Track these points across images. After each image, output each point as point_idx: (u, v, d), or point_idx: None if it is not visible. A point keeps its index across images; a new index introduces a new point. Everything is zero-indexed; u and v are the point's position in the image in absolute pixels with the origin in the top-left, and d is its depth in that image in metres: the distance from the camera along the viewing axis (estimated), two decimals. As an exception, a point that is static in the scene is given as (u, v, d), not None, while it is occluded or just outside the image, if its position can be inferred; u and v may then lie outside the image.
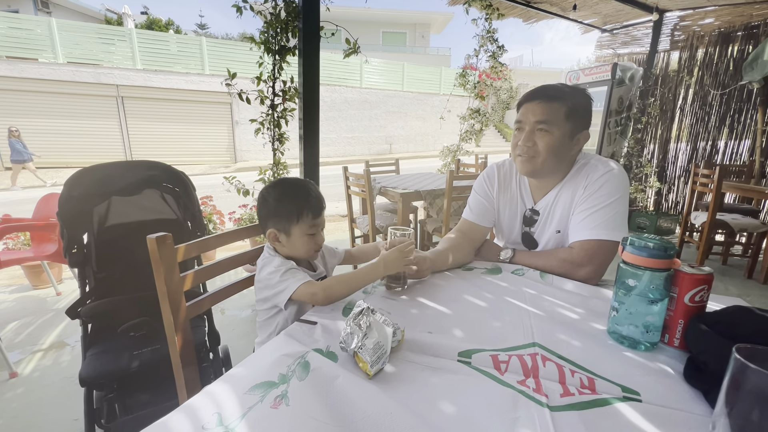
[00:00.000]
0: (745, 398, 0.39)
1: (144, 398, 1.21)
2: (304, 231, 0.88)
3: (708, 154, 4.10)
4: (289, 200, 0.89)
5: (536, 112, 0.97)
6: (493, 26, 3.89)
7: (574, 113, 0.97)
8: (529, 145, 0.99)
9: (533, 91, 1.01)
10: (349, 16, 17.78)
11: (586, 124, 1.00)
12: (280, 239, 0.90)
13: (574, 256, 0.96)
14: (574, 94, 0.98)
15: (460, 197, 2.38)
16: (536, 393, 0.51)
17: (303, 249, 0.91)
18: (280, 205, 0.89)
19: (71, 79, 9.13)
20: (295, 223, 0.88)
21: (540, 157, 0.98)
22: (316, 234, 0.91)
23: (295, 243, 0.90)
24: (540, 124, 0.97)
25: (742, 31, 3.72)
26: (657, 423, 0.47)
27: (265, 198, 0.91)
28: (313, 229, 0.90)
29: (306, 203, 0.88)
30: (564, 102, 0.96)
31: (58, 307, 2.32)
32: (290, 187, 0.92)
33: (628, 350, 0.64)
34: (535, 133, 0.98)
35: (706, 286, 0.61)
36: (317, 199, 0.91)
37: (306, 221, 0.88)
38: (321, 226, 0.93)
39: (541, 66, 28.07)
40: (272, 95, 2.17)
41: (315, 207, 0.90)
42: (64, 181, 1.27)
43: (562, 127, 0.96)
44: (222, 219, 3.31)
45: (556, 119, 0.96)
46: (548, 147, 0.97)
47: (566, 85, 1.01)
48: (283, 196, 0.90)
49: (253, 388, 0.51)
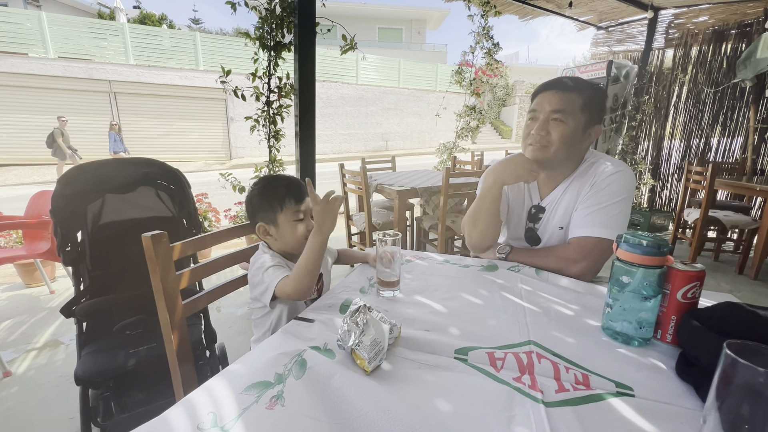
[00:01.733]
0: (735, 392, 0.40)
1: (140, 396, 1.21)
2: (289, 218, 0.91)
3: (701, 151, 4.14)
4: (270, 192, 0.93)
5: (552, 102, 0.96)
6: (489, 23, 3.89)
7: (589, 106, 0.96)
8: (542, 134, 0.98)
9: (550, 81, 1.00)
10: (344, 12, 17.65)
11: (599, 119, 1.00)
12: (270, 232, 0.93)
13: (569, 252, 0.97)
14: (591, 87, 0.98)
15: (457, 195, 2.38)
16: (531, 389, 0.52)
17: (293, 237, 0.92)
18: (263, 199, 0.93)
19: (62, 74, 9.00)
20: (279, 212, 0.91)
21: (553, 146, 0.97)
22: (305, 220, 0.92)
23: (284, 232, 0.92)
24: (556, 113, 0.96)
25: (736, 29, 3.75)
26: (650, 417, 0.47)
27: (250, 196, 0.96)
28: (298, 215, 0.92)
29: (286, 191, 0.92)
30: (581, 93, 0.96)
31: (52, 305, 2.30)
32: (269, 181, 0.96)
33: (622, 346, 0.65)
34: (549, 123, 0.97)
35: (699, 283, 0.62)
36: (297, 186, 0.94)
37: (289, 208, 0.91)
38: (308, 214, 0.93)
39: (537, 63, 28.14)
40: (268, 92, 2.16)
41: (295, 193, 0.92)
42: (57, 179, 1.26)
43: (577, 118, 0.96)
44: (217, 216, 3.29)
45: (572, 109, 0.95)
46: (562, 137, 0.96)
47: (582, 79, 1.01)
48: (263, 189, 0.94)
49: (249, 388, 0.51)
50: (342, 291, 0.87)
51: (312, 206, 0.83)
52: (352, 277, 0.96)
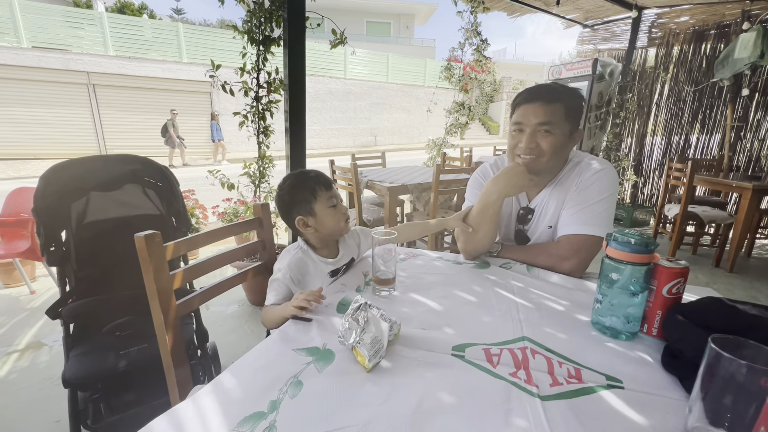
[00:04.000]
0: (718, 384, 0.42)
1: (130, 397, 1.19)
2: (325, 205, 0.95)
3: (681, 148, 4.28)
4: (300, 186, 0.96)
5: (538, 114, 0.98)
6: (477, 20, 3.90)
7: (572, 113, 0.99)
8: (532, 146, 1.00)
9: (530, 93, 1.01)
10: (332, 4, 17.35)
11: (579, 123, 1.03)
12: (309, 223, 0.95)
13: (559, 249, 1.00)
14: (571, 95, 1.00)
15: (447, 191, 2.40)
16: (527, 384, 0.54)
17: (332, 222, 0.96)
18: (295, 193, 0.96)
19: (37, 65, 8.61)
20: (314, 201, 0.94)
21: (545, 156, 1.00)
22: (338, 204, 0.97)
23: (323, 220, 0.95)
24: (543, 125, 0.98)
25: (715, 30, 3.87)
26: (638, 408, 0.50)
27: (281, 197, 0.98)
28: (332, 200, 0.96)
29: (315, 181, 0.96)
30: (563, 102, 0.98)
31: (33, 306, 2.23)
32: (295, 177, 0.99)
33: (611, 340, 0.67)
34: (537, 134, 0.99)
35: (683, 279, 0.65)
36: (322, 176, 0.99)
37: (322, 195, 0.95)
38: (338, 198, 0.99)
39: (524, 59, 28.40)
40: (257, 87, 2.12)
41: (324, 182, 0.97)
42: (40, 176, 1.21)
43: (562, 127, 0.98)
44: (205, 213, 3.23)
45: (557, 120, 0.98)
46: (552, 147, 0.99)
47: (560, 85, 1.02)
48: (293, 186, 0.97)
49: (242, 422, 0.48)
50: (338, 290, 0.87)
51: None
52: (348, 276, 0.97)
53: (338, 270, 1.00)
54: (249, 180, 2.34)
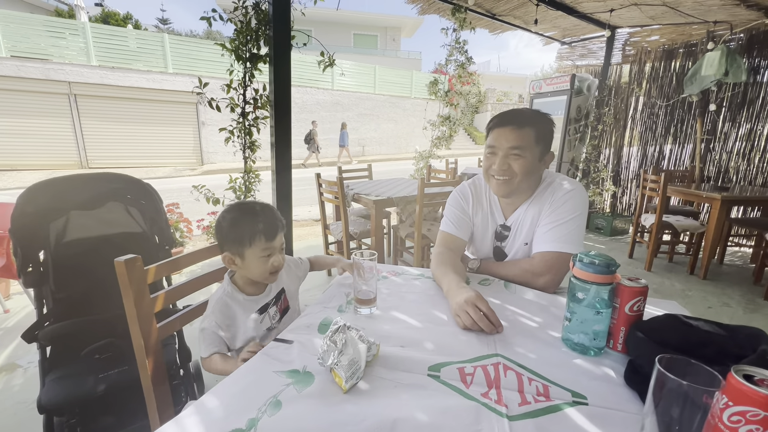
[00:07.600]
0: (666, 398, 0.46)
1: (110, 421, 1.16)
2: (257, 254, 0.90)
3: (656, 159, 4.46)
4: (242, 225, 0.91)
5: (509, 138, 1.04)
6: (461, 37, 4.03)
7: (542, 136, 1.05)
8: (504, 168, 1.05)
9: (503, 117, 1.07)
10: (319, 17, 17.57)
11: (550, 146, 1.09)
12: (236, 262, 0.92)
13: (534, 265, 1.04)
14: (541, 120, 1.06)
15: (431, 203, 2.45)
16: (497, 404, 0.56)
17: (258, 271, 0.92)
18: (233, 230, 0.91)
19: (15, 74, 8.42)
20: (248, 247, 0.90)
21: (517, 177, 1.05)
22: (272, 255, 0.92)
23: (249, 266, 0.92)
24: (514, 149, 1.03)
25: (683, 48, 4.09)
26: (600, 424, 0.53)
27: (220, 223, 0.93)
28: (267, 251, 0.91)
29: (258, 227, 0.90)
30: (533, 127, 1.04)
31: (7, 326, 2.16)
32: (243, 212, 0.93)
33: (579, 356, 0.71)
34: (509, 157, 1.05)
35: (642, 297, 0.69)
36: (271, 222, 0.92)
37: (258, 245, 0.90)
38: (277, 249, 0.93)
39: (507, 72, 29.17)
40: (243, 103, 2.14)
41: (267, 231, 0.91)
42: (18, 196, 1.20)
43: (533, 151, 1.04)
44: (189, 227, 3.20)
45: (528, 144, 1.03)
46: (523, 169, 1.04)
47: (531, 110, 1.08)
48: (235, 221, 0.91)
49: None
50: (320, 310, 0.89)
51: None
52: (330, 295, 0.98)
53: (267, 305, 0.98)
54: (234, 195, 2.33)
